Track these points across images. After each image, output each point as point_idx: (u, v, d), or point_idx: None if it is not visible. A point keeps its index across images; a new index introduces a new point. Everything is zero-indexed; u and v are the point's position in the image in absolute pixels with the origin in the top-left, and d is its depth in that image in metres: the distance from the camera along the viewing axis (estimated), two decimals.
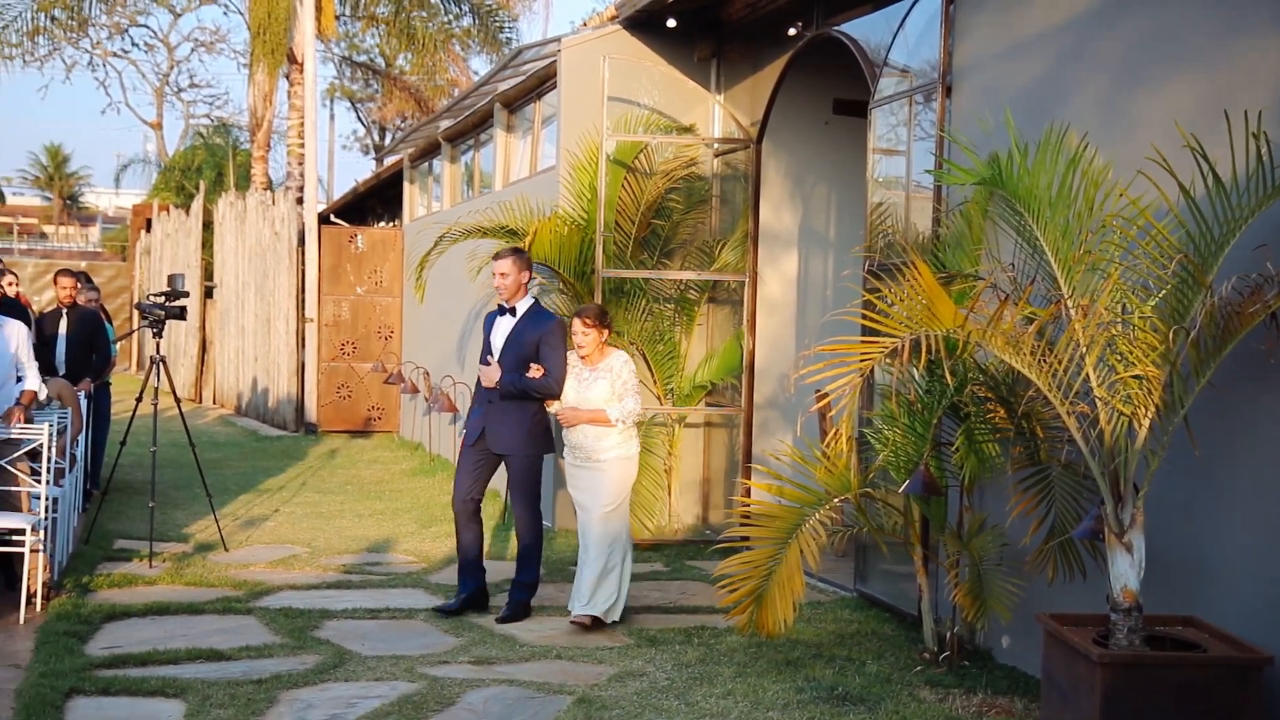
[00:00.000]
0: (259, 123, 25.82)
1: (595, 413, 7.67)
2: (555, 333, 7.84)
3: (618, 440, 7.73)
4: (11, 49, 24.74)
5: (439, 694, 6.27)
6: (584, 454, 7.78)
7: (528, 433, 7.84)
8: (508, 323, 7.92)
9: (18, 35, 24.68)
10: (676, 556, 9.92)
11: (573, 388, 7.78)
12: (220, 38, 53.86)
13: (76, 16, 26.14)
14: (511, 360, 7.81)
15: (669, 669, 6.77)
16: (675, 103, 10.93)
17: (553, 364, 7.76)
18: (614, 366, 7.74)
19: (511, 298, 7.90)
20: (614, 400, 7.67)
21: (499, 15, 25.79)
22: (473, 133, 15.09)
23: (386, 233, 19.45)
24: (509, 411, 7.82)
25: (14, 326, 8.27)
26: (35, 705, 5.85)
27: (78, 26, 27.45)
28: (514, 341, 7.84)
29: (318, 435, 18.24)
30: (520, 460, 7.87)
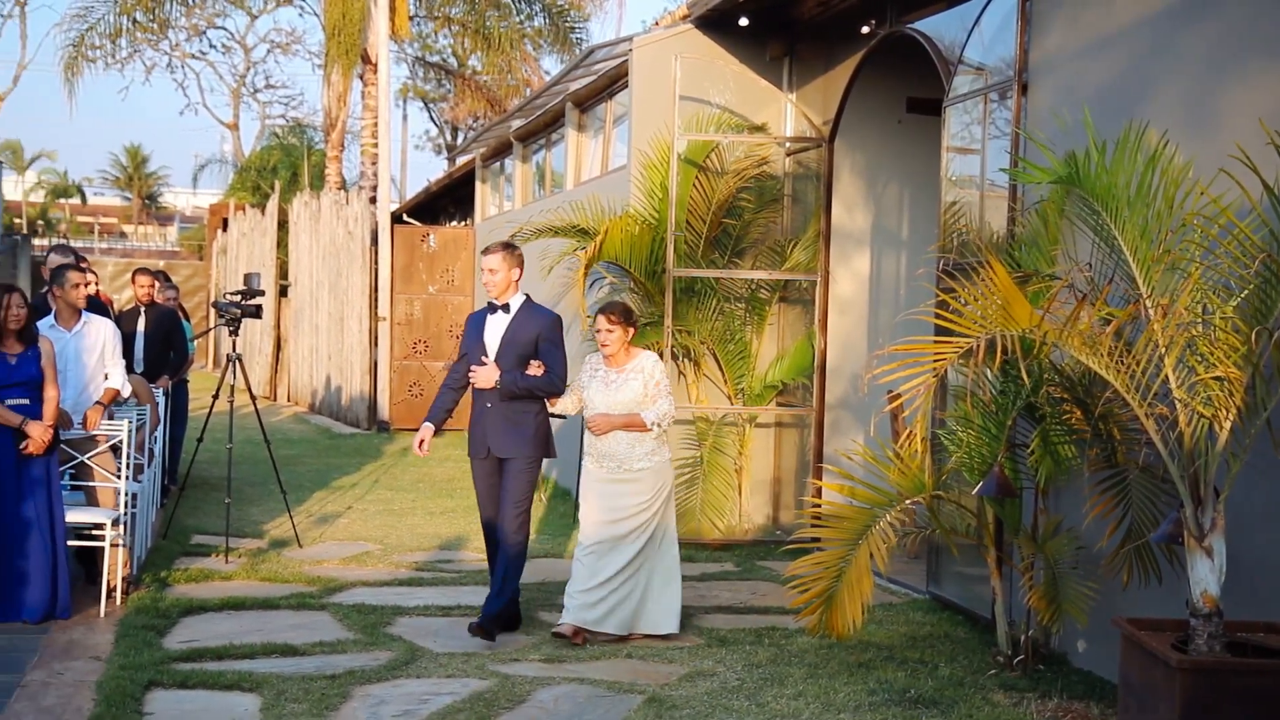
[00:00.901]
0: (333, 123, 26.09)
1: (629, 417, 7.24)
2: (555, 328, 7.45)
3: (651, 447, 7.31)
4: (94, 51, 25.16)
5: (510, 691, 6.29)
6: (616, 464, 7.30)
7: (532, 433, 7.42)
8: (501, 320, 7.48)
9: (100, 38, 25.09)
10: (747, 556, 9.89)
11: (599, 393, 7.34)
12: (296, 39, 54.55)
13: (157, 19, 26.52)
14: (510, 359, 7.38)
15: (739, 669, 6.75)
16: (747, 102, 10.90)
17: (554, 360, 7.39)
18: (645, 367, 7.33)
19: (502, 295, 7.47)
20: (646, 403, 7.26)
21: (570, 15, 25.86)
22: (544, 132, 15.14)
23: (458, 232, 19.57)
24: (509, 414, 7.39)
25: (101, 325, 8.38)
26: (116, 697, 5.95)
27: (158, 29, 27.85)
28: (511, 339, 7.41)
29: (390, 433, 18.38)
30: (521, 463, 7.40)
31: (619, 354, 7.34)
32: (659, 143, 10.57)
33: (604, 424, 7.28)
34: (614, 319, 7.30)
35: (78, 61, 25.15)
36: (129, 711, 5.82)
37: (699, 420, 10.67)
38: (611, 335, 7.30)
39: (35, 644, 6.96)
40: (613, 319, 7.30)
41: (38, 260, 33.90)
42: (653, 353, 7.51)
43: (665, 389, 7.32)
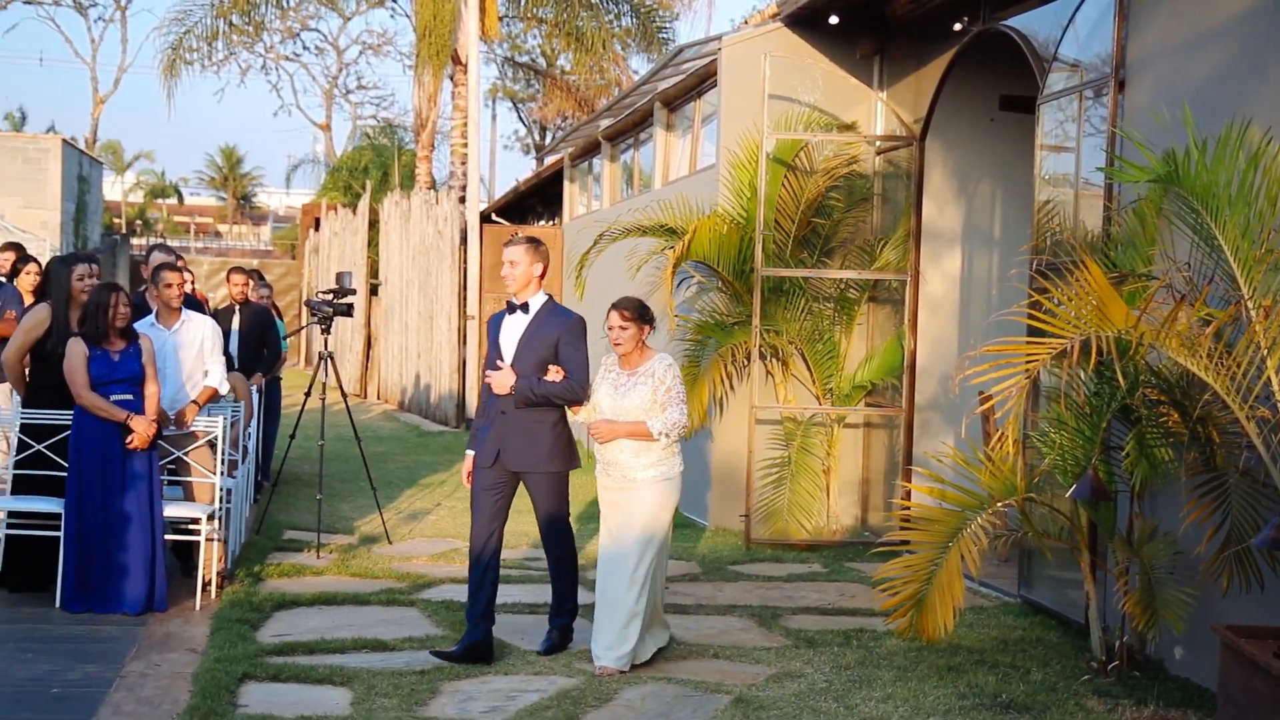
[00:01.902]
0: (423, 123, 26.34)
1: (634, 425, 6.67)
2: (576, 330, 6.89)
3: (659, 457, 6.73)
4: (191, 54, 25.61)
5: (597, 690, 6.31)
6: (619, 472, 6.79)
7: (551, 446, 6.86)
8: (519, 322, 6.93)
9: (197, 41, 25.54)
10: (835, 558, 9.83)
11: (608, 396, 6.81)
12: (387, 40, 55.21)
13: (252, 22, 26.94)
14: (529, 363, 6.82)
15: (827, 671, 6.71)
16: (836, 100, 10.83)
17: (575, 365, 6.80)
18: (656, 370, 6.74)
19: (521, 291, 6.92)
20: (655, 409, 6.69)
21: (658, 15, 25.88)
22: (632, 132, 15.16)
23: (546, 231, 19.65)
24: (527, 423, 6.82)
25: (201, 323, 8.51)
26: (211, 689, 6.05)
27: (253, 31, 28.29)
28: (529, 342, 6.85)
29: None
30: (544, 479, 6.91)
31: (632, 354, 6.81)
32: (747, 142, 10.54)
33: (606, 431, 6.74)
34: (627, 315, 6.77)
35: (176, 64, 25.60)
36: (224, 704, 5.92)
37: (787, 420, 10.62)
38: (624, 333, 6.76)
39: (134, 635, 7.10)
40: (625, 315, 6.77)
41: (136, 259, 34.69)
42: (668, 355, 6.92)
43: (677, 396, 6.72)
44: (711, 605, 8.18)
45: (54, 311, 8.03)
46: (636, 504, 6.73)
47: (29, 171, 27.52)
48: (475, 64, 20.46)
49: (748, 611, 8.05)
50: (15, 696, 6.08)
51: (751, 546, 10.05)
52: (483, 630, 6.88)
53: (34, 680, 6.30)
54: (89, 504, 7.52)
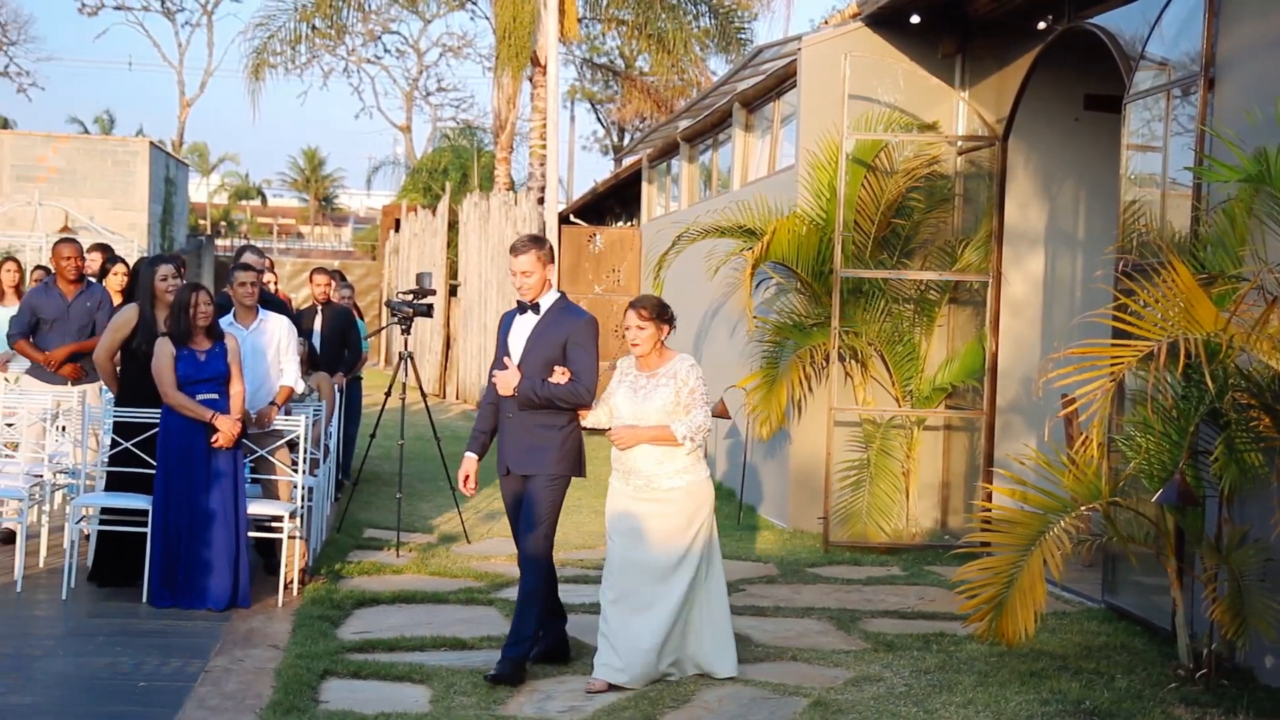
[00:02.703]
0: (502, 125, 26.48)
1: (658, 430, 6.30)
2: (586, 330, 6.57)
3: (684, 464, 6.36)
4: (275, 58, 25.95)
5: (674, 691, 6.30)
6: (643, 481, 6.38)
7: (558, 449, 6.53)
8: (528, 321, 6.63)
9: (281, 44, 25.88)
10: (914, 561, 9.75)
11: (627, 400, 6.44)
12: (467, 42, 55.44)
13: (335, 25, 27.25)
14: (536, 364, 6.52)
15: (907, 675, 6.65)
16: (917, 100, 10.75)
17: (582, 367, 6.48)
18: (678, 372, 6.37)
19: (535, 296, 6.64)
20: (678, 412, 6.32)
21: (738, 15, 25.84)
22: (711, 132, 15.15)
23: (624, 232, 19.70)
24: (533, 426, 6.53)
25: (278, 323, 8.62)
26: (293, 685, 6.12)
27: (335, 34, 28.62)
28: (537, 342, 6.55)
29: None
30: (543, 481, 6.54)
31: (651, 356, 6.44)
32: (827, 142, 10.49)
33: (628, 437, 6.37)
34: (645, 315, 6.38)
35: (260, 68, 25.96)
36: (305, 699, 5.99)
37: (866, 423, 10.56)
38: (642, 333, 6.38)
39: (218, 631, 7.21)
40: (643, 314, 6.39)
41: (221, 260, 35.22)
42: (689, 356, 6.54)
43: (701, 398, 6.36)
44: (789, 607, 8.15)
45: (140, 311, 8.19)
46: (669, 514, 6.34)
47: (118, 174, 28.04)
48: (554, 65, 20.53)
49: (826, 614, 8.00)
50: (104, 689, 6.20)
51: (830, 549, 10.00)
52: (554, 632, 6.77)
53: (122, 673, 6.42)
54: (175, 501, 7.65)
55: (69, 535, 8.04)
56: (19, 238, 23.81)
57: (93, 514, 8.10)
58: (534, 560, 6.56)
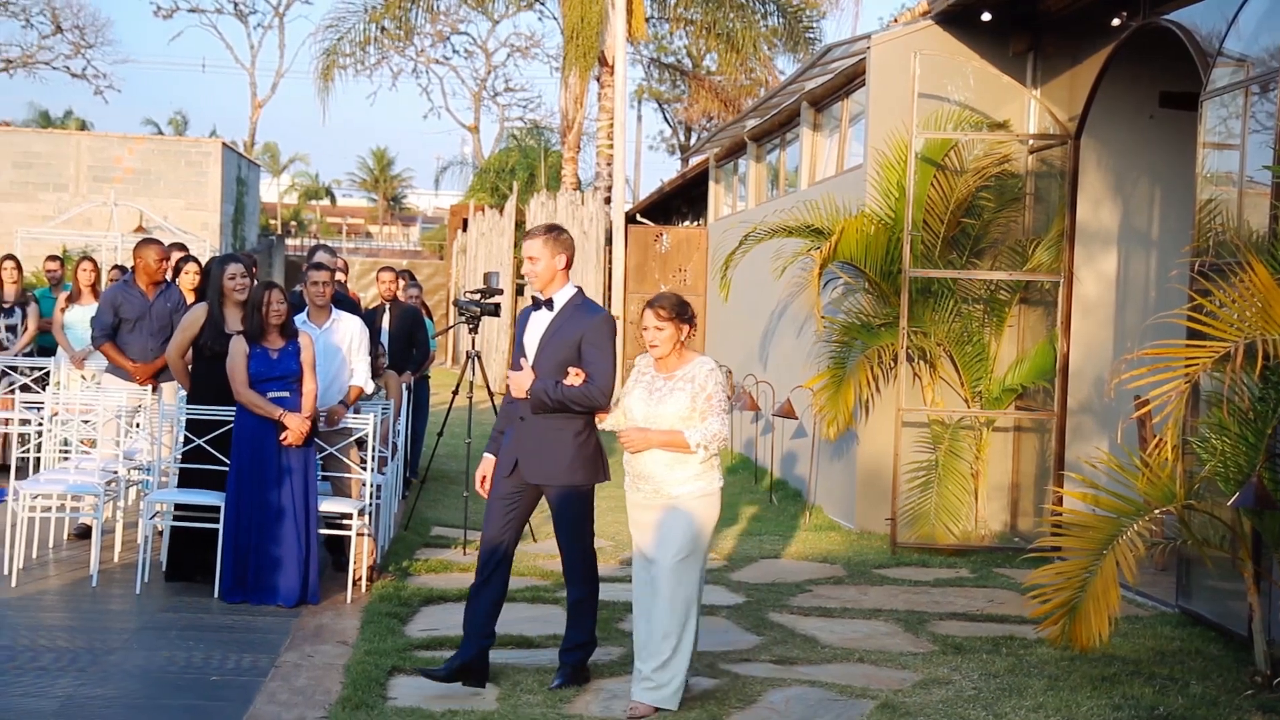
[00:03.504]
0: (570, 125, 26.55)
1: (669, 434, 5.96)
2: (601, 328, 6.25)
3: (697, 471, 6.02)
4: (345, 59, 26.19)
5: (741, 691, 6.29)
6: (651, 487, 6.08)
7: (572, 457, 6.23)
8: (543, 319, 6.33)
9: (351, 45, 26.12)
10: (983, 563, 9.66)
11: (641, 401, 6.09)
12: (535, 43, 55.71)
13: (404, 26, 27.45)
14: (550, 364, 6.21)
15: (976, 678, 6.59)
16: (987, 98, 10.65)
17: (598, 368, 6.16)
18: (696, 375, 6.01)
19: (546, 287, 6.32)
20: (694, 418, 5.97)
21: (806, 14, 25.74)
22: (778, 132, 15.10)
23: (691, 232, 19.68)
24: (546, 430, 6.22)
25: (350, 323, 8.71)
26: (362, 681, 6.18)
27: (404, 36, 28.82)
28: (552, 340, 6.25)
29: None
30: (563, 493, 6.29)
31: (670, 357, 6.08)
32: (896, 141, 10.42)
33: (638, 440, 6.02)
34: (663, 314, 6.02)
35: (330, 69, 26.21)
36: (374, 695, 6.04)
37: (934, 423, 10.48)
38: (661, 334, 6.03)
39: (287, 627, 7.29)
40: (661, 314, 6.02)
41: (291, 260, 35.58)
42: (709, 359, 6.16)
43: (719, 404, 5.99)
44: (856, 609, 8.10)
45: (209, 309, 8.30)
46: (671, 522, 6.02)
47: (190, 174, 28.42)
48: (622, 65, 20.57)
49: (893, 616, 7.95)
50: (177, 683, 6.29)
51: (897, 550, 9.93)
52: (477, 647, 6.31)
53: (195, 668, 6.51)
54: (246, 498, 7.74)
55: (143, 531, 8.16)
56: (95, 237, 24.19)
57: (166, 510, 8.21)
58: (579, 572, 6.39)
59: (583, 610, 6.39)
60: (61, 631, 7.11)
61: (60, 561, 8.86)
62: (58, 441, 9.30)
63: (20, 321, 12.62)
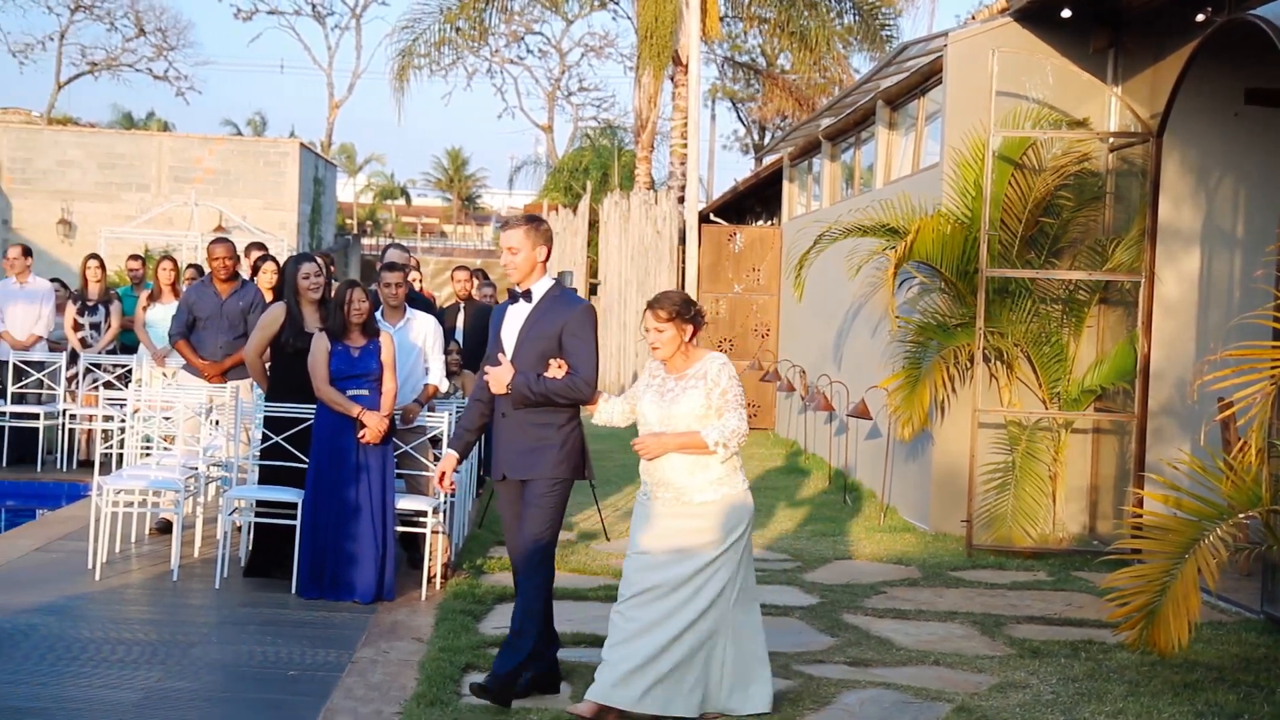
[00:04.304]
0: (643, 124, 26.58)
1: (686, 436, 5.66)
2: (582, 318, 6.06)
3: (719, 474, 5.71)
4: (420, 59, 26.39)
5: (815, 692, 6.26)
6: (672, 494, 5.75)
7: (557, 450, 6.03)
8: (520, 311, 6.15)
9: (426, 46, 26.31)
10: (1061, 566, 9.54)
11: (653, 405, 5.80)
12: (609, 43, 55.57)
13: (478, 27, 27.62)
14: (530, 357, 6.02)
15: (1054, 682, 6.51)
16: (1067, 96, 10.52)
17: (581, 359, 5.97)
18: (708, 372, 5.73)
19: (525, 279, 6.14)
20: (710, 416, 5.68)
21: (881, 12, 25.57)
22: (853, 130, 15.01)
23: (765, 231, 19.62)
24: (529, 425, 6.02)
25: (424, 322, 8.79)
26: (436, 678, 6.21)
27: (479, 36, 28.98)
28: (531, 333, 6.06)
29: None
30: (543, 486, 6.02)
31: (676, 358, 5.79)
32: (973, 140, 10.32)
33: (654, 446, 5.73)
34: (662, 316, 5.72)
35: (405, 70, 26.42)
36: (448, 692, 6.07)
37: (1011, 425, 10.36)
38: (661, 335, 5.74)
39: (364, 623, 7.35)
40: (660, 315, 5.72)
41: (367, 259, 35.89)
42: (720, 354, 5.85)
43: (735, 400, 5.70)
44: (932, 611, 8.04)
45: (286, 308, 8.41)
46: (698, 530, 5.68)
47: (269, 174, 28.77)
48: (696, 64, 20.54)
49: (969, 619, 7.88)
50: (257, 677, 6.37)
51: (973, 552, 9.83)
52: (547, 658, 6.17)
53: (273, 663, 6.59)
54: (324, 495, 7.81)
55: (222, 527, 8.27)
56: (176, 237, 24.57)
57: (245, 506, 8.32)
58: (533, 574, 6.06)
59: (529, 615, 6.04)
60: (143, 625, 7.23)
61: (142, 556, 9.01)
62: (140, 438, 9.44)
63: (104, 319, 12.86)
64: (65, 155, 27.76)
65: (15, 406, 12.58)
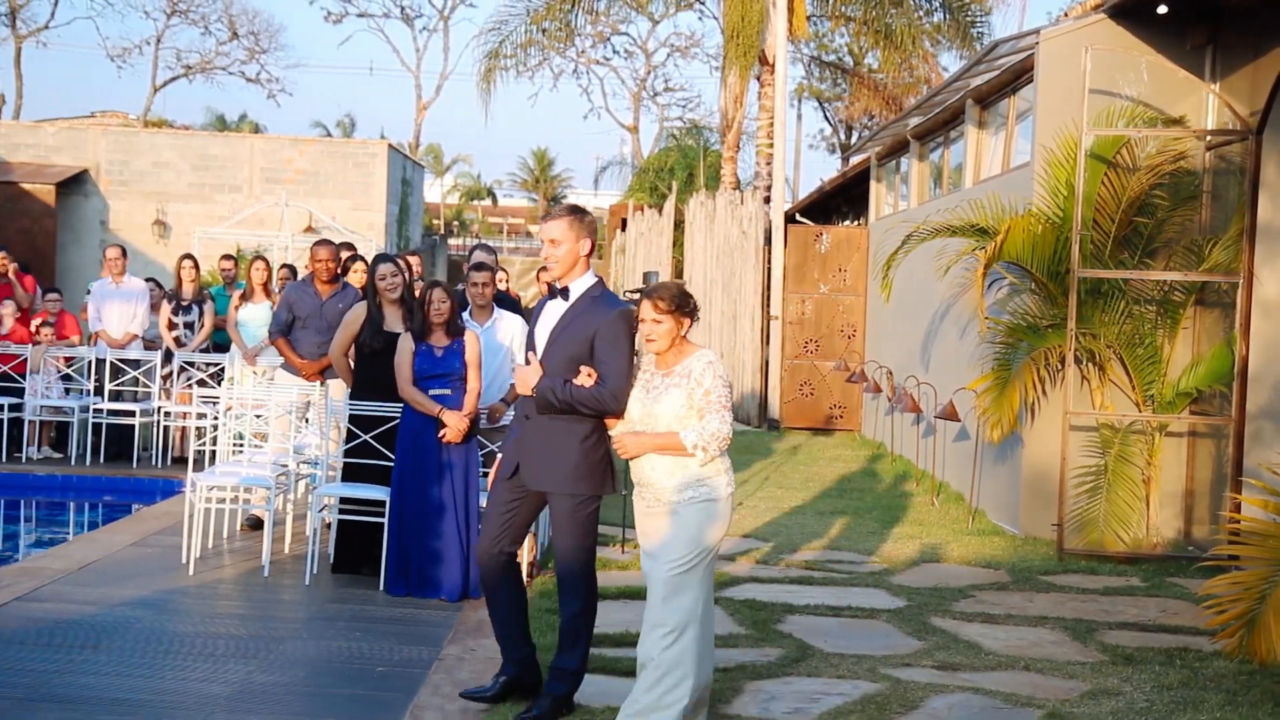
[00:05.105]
0: (729, 124, 26.49)
1: (665, 437, 5.40)
2: (617, 324, 5.67)
3: (696, 476, 5.42)
4: (507, 61, 26.53)
5: (902, 696, 6.20)
6: (651, 494, 5.53)
7: (578, 464, 5.71)
8: (556, 309, 5.82)
9: (512, 48, 26.45)
10: (1155, 572, 9.37)
11: (638, 401, 5.54)
12: (695, 42, 55.55)
13: (565, 28, 27.70)
14: (559, 360, 5.70)
15: (1148, 690, 6.39)
16: (1162, 94, 10.33)
17: (610, 369, 5.60)
18: (693, 370, 5.44)
19: (565, 274, 5.80)
20: (691, 417, 5.41)
21: (971, 10, 25.29)
22: (942, 130, 14.86)
23: (851, 231, 19.49)
24: (552, 433, 5.72)
25: (511, 322, 8.85)
26: None
27: (565, 37, 29.07)
28: (563, 334, 5.73)
29: (780, 431, 18.52)
30: (566, 501, 5.75)
31: (668, 352, 5.52)
32: (1065, 138, 10.17)
33: (632, 445, 5.47)
34: (661, 306, 5.46)
35: (492, 71, 26.58)
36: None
37: (1104, 428, 10.20)
38: (658, 328, 5.47)
39: (451, 620, 7.41)
40: (659, 306, 5.46)
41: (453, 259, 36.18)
42: (710, 352, 5.56)
43: (718, 401, 5.39)
44: (1021, 616, 7.93)
45: (368, 308, 8.51)
46: (673, 529, 5.44)
47: (358, 175, 29.06)
48: (782, 64, 20.43)
49: (1060, 624, 7.76)
50: (344, 672, 6.44)
51: (1064, 557, 9.68)
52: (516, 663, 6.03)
53: (361, 658, 6.66)
54: (408, 493, 7.88)
55: (311, 524, 8.38)
56: (267, 237, 24.91)
57: (333, 504, 8.41)
58: (576, 586, 5.84)
59: (578, 631, 5.87)
60: (234, 619, 7.34)
61: (234, 551, 9.15)
62: (232, 435, 9.59)
63: (197, 319, 13.08)
64: (160, 157, 28.25)
65: (112, 404, 12.84)
